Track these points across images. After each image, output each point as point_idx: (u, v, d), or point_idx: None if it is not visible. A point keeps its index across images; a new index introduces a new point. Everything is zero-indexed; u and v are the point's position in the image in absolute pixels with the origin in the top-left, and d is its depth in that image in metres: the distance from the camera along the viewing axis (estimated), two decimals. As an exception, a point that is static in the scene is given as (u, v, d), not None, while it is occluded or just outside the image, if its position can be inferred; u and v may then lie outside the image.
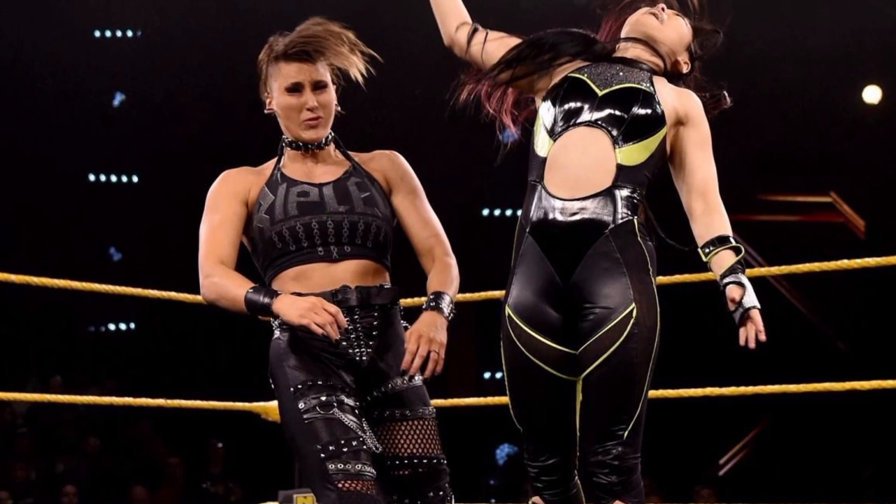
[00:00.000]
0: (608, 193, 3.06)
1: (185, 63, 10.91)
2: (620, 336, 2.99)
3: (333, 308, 3.06)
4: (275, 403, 3.42)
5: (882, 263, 4.55)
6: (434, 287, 3.23)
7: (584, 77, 3.16)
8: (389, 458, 3.20)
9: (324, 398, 3.12)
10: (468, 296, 4.88)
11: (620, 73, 3.17)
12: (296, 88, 3.27)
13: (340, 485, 3.04)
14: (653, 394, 3.79)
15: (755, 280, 3.26)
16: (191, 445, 10.53)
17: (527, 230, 3.11)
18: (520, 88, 3.30)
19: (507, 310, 3.11)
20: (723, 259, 3.05)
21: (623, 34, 3.29)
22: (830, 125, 10.99)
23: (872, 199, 11.78)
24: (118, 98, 12.05)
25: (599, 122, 3.09)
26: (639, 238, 3.07)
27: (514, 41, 3.28)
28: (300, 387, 3.14)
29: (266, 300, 3.09)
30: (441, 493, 3.22)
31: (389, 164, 3.38)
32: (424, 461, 3.21)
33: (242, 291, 3.12)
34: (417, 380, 3.24)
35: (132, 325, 13.03)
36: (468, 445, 10.80)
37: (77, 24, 10.89)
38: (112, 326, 13.06)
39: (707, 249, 3.07)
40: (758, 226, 11.92)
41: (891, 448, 11.20)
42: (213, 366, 11.43)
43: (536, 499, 3.17)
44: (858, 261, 4.56)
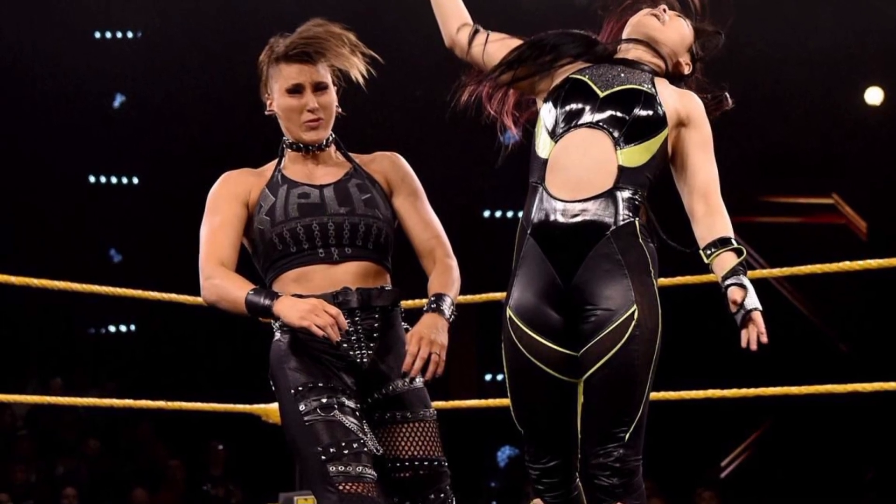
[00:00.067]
0: (609, 195, 3.06)
1: (186, 64, 10.90)
2: (622, 338, 2.98)
3: (334, 310, 3.05)
4: (275, 405, 3.41)
5: (884, 265, 4.54)
6: (435, 289, 3.23)
7: (586, 78, 3.16)
8: (390, 461, 3.19)
9: (324, 400, 3.11)
10: (469, 297, 4.87)
11: (622, 75, 3.16)
12: (296, 90, 3.27)
13: (341, 487, 3.04)
14: (654, 396, 3.78)
15: (757, 282, 3.26)
16: (191, 447, 10.51)
17: (528, 232, 3.10)
18: (521, 90, 3.30)
19: (509, 311, 3.11)
20: (724, 261, 3.04)
21: (624, 35, 3.29)
22: (832, 127, 10.98)
23: (874, 201, 11.78)
24: (118, 99, 12.04)
25: (601, 124, 3.09)
26: (640, 240, 3.07)
27: (516, 42, 3.27)
28: (301, 389, 3.13)
29: (267, 302, 3.09)
30: (442, 496, 3.22)
31: (390, 166, 3.38)
32: (425, 463, 3.21)
33: (243, 293, 3.11)
34: (418, 382, 3.24)
35: (132, 327, 13.02)
36: (469, 447, 10.80)
37: (77, 26, 10.89)
38: (112, 328, 13.06)
39: (709, 251, 3.07)
40: (759, 227, 11.91)
41: (893, 450, 11.19)
42: (214, 368, 11.42)
43: (538, 501, 3.17)
44: (860, 262, 4.55)
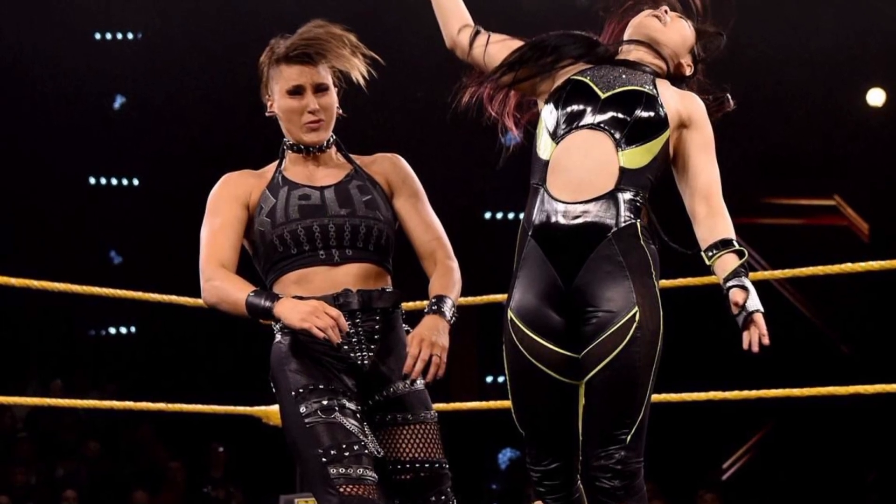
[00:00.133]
0: (611, 196, 3.05)
1: (186, 65, 10.90)
2: (623, 340, 2.97)
3: (335, 312, 3.05)
4: (276, 407, 3.41)
5: (886, 267, 4.53)
6: (436, 290, 3.23)
7: (587, 80, 3.15)
8: (391, 463, 3.19)
9: (325, 402, 3.11)
10: (470, 299, 4.86)
11: (623, 76, 3.16)
12: (297, 91, 3.26)
13: (342, 489, 3.03)
14: (656, 398, 3.78)
15: (758, 283, 3.25)
16: (192, 449, 10.51)
17: (529, 233, 3.10)
18: (522, 91, 3.30)
19: (510, 313, 3.10)
20: (726, 262, 3.04)
21: (626, 36, 3.28)
22: (834, 128, 10.98)
23: (876, 202, 11.78)
24: (119, 101, 12.04)
25: (602, 125, 3.08)
26: (642, 241, 3.06)
27: (517, 44, 3.27)
28: (301, 391, 3.13)
29: (267, 304, 3.08)
30: (443, 498, 3.21)
31: (391, 167, 3.37)
32: (426, 465, 3.20)
33: (243, 295, 3.11)
34: (419, 384, 3.23)
35: (133, 329, 13.02)
36: (470, 449, 10.79)
37: (77, 27, 10.89)
38: (112, 330, 13.06)
39: (710, 253, 3.06)
40: (761, 229, 11.91)
41: (895, 452, 11.18)
42: (214, 370, 11.42)
43: (539, 503, 3.16)
44: (862, 264, 4.55)
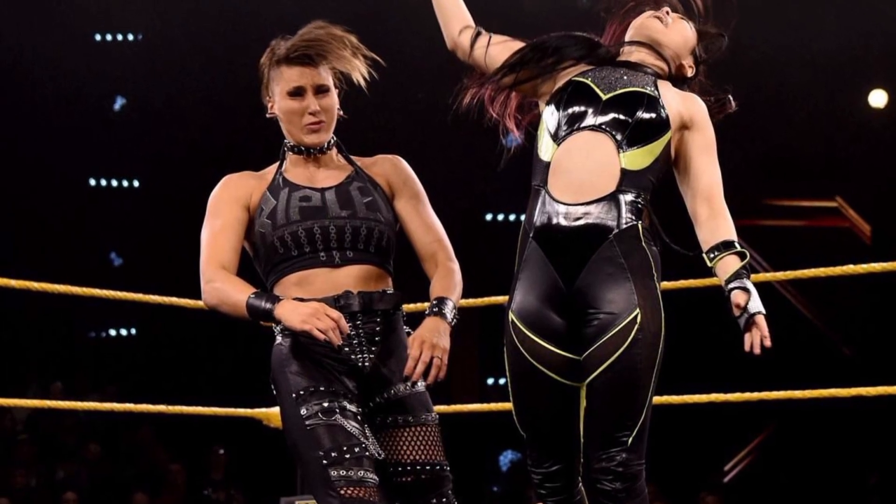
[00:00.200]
0: (612, 198, 3.04)
1: (186, 67, 10.90)
2: (625, 342, 2.97)
3: (336, 314, 3.04)
4: (277, 410, 3.40)
5: (888, 269, 4.52)
6: (437, 292, 3.22)
7: (588, 81, 3.15)
8: (392, 465, 3.18)
9: (326, 404, 3.10)
10: (471, 301, 4.85)
11: (625, 77, 3.15)
12: (298, 92, 3.26)
13: (343, 491, 3.03)
14: (657, 400, 3.77)
15: (760, 285, 3.24)
16: (192, 452, 10.50)
17: (530, 235, 3.09)
18: (523, 92, 3.29)
19: (511, 315, 3.09)
20: (728, 264, 3.03)
21: (627, 38, 3.28)
22: (836, 129, 10.98)
23: (878, 204, 11.77)
24: (119, 102, 12.05)
25: (603, 127, 3.08)
26: (643, 243, 3.06)
27: (518, 45, 3.26)
28: (302, 393, 3.12)
29: (268, 306, 3.08)
30: (444, 500, 3.21)
31: (392, 169, 3.37)
32: (427, 468, 3.20)
33: (244, 297, 3.10)
34: (420, 386, 3.23)
35: (133, 331, 13.01)
36: (471, 452, 10.77)
37: (78, 28, 10.89)
38: (113, 332, 13.05)
39: (712, 254, 3.06)
40: (763, 231, 11.90)
41: (897, 454, 11.19)
42: (215, 372, 11.41)
43: (540, 505, 3.16)
44: (864, 266, 4.54)
